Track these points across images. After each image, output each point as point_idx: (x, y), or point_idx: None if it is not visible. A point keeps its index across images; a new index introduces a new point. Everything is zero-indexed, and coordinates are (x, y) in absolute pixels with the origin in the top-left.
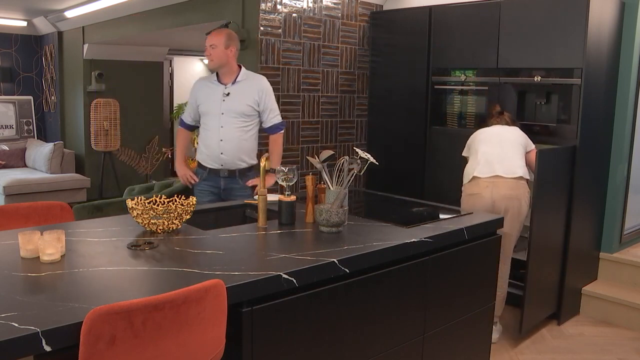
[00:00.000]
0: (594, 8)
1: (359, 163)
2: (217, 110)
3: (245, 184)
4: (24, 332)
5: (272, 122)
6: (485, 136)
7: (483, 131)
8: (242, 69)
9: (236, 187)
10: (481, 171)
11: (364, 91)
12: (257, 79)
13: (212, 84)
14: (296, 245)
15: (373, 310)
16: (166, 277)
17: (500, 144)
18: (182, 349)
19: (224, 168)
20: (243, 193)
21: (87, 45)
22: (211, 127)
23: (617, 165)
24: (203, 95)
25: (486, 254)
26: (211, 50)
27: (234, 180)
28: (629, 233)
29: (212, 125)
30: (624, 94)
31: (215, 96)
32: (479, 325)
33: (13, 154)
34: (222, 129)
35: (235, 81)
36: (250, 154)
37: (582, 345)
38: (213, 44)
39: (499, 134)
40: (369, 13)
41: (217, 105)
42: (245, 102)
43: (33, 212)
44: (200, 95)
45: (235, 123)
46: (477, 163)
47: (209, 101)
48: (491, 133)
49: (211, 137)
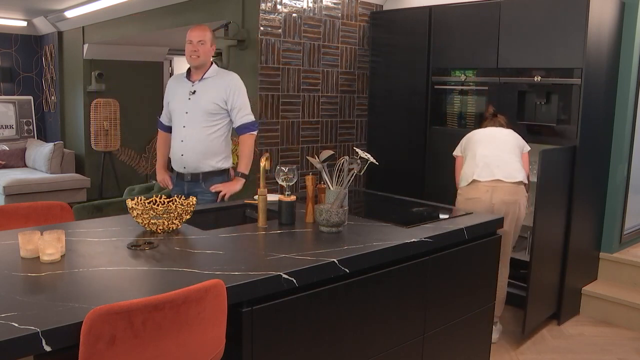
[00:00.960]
0: (594, 8)
1: (359, 163)
2: (182, 109)
3: (209, 188)
4: (24, 332)
5: (241, 121)
6: (481, 137)
7: (478, 132)
8: (213, 66)
9: (198, 192)
10: (481, 175)
11: (364, 91)
12: (227, 76)
13: (182, 81)
14: (296, 245)
15: (373, 310)
16: (166, 277)
17: (499, 146)
18: (182, 349)
19: (187, 172)
20: (204, 197)
21: (87, 45)
22: (176, 127)
23: (617, 165)
24: (172, 93)
25: (486, 254)
26: (200, 47)
27: (197, 184)
28: (629, 233)
29: (176, 124)
30: (624, 94)
31: (182, 94)
32: (479, 325)
33: (13, 154)
34: (184, 128)
35: (203, 78)
36: (218, 157)
37: (582, 345)
38: (202, 40)
39: (495, 136)
40: (369, 13)
41: (182, 104)
42: (211, 100)
43: (33, 212)
44: (169, 93)
45: (200, 122)
46: (476, 166)
47: (175, 99)
48: (487, 134)
49: (175, 138)
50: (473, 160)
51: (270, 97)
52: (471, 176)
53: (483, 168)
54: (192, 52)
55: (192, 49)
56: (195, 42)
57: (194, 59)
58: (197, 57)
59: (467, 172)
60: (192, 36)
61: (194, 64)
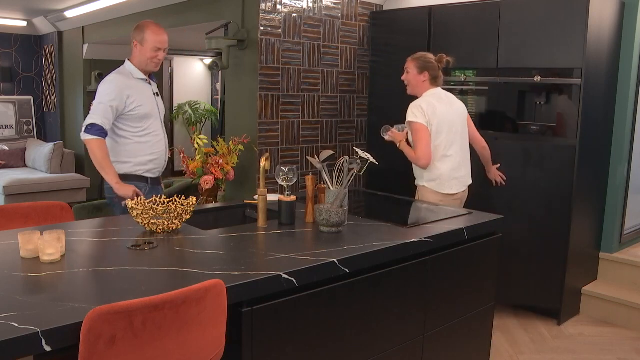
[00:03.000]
0: (594, 8)
1: (359, 163)
2: (156, 111)
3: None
4: (24, 332)
5: None
6: (444, 119)
7: (439, 106)
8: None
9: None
10: (453, 188)
11: (364, 91)
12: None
13: (142, 81)
14: (296, 245)
15: (373, 310)
16: (166, 277)
17: (462, 138)
18: (182, 349)
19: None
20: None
21: (87, 45)
22: (155, 130)
23: (617, 165)
24: (139, 96)
25: (486, 254)
26: (164, 53)
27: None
28: (629, 233)
29: (157, 128)
30: (624, 94)
31: (149, 96)
32: (479, 325)
33: (13, 154)
34: (162, 130)
35: (151, 79)
36: None
37: (582, 345)
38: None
39: (454, 122)
40: (369, 13)
41: (153, 106)
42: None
43: (33, 212)
44: (134, 94)
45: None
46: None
47: (148, 102)
48: (448, 116)
49: (159, 142)
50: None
51: (270, 97)
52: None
53: (456, 180)
54: (158, 60)
55: (160, 56)
56: (163, 49)
57: (157, 64)
58: (159, 62)
59: (442, 173)
60: (163, 42)
61: (155, 70)
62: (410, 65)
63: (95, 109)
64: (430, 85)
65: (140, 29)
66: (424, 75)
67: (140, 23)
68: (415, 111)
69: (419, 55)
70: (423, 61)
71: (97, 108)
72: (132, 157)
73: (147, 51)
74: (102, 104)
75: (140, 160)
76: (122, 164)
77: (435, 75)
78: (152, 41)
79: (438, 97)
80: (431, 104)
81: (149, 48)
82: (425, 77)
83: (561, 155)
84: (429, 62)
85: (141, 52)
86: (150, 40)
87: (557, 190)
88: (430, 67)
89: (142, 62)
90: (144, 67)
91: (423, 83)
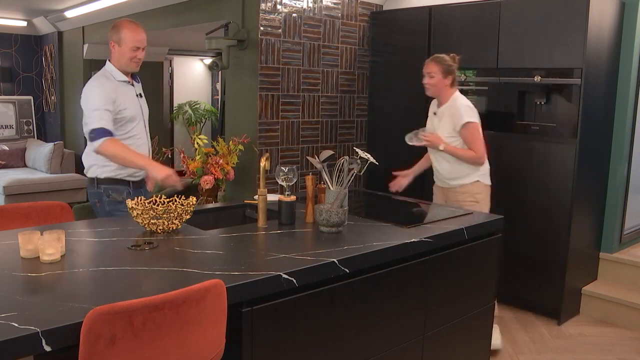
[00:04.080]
0: (594, 8)
1: (359, 163)
2: (140, 114)
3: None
4: (24, 332)
5: None
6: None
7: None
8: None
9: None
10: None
11: (364, 91)
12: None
13: (125, 83)
14: (296, 245)
15: (373, 310)
16: (166, 277)
17: None
18: (182, 349)
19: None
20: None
21: (87, 45)
22: (141, 134)
23: (617, 165)
24: (123, 99)
25: (486, 254)
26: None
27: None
28: (629, 233)
29: (140, 131)
30: (624, 94)
31: (132, 99)
32: (479, 325)
33: (13, 154)
34: (145, 134)
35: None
36: None
37: (582, 345)
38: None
39: None
40: (369, 13)
41: (138, 108)
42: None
43: (33, 212)
44: (119, 97)
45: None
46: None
47: (132, 105)
48: None
49: (143, 146)
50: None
51: (270, 97)
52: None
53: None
54: (138, 60)
55: (140, 56)
56: (142, 47)
57: (137, 64)
58: (139, 61)
59: (487, 166)
60: (141, 41)
61: (136, 70)
62: (435, 70)
63: (92, 117)
64: (452, 87)
65: (116, 29)
66: (449, 79)
67: (116, 22)
68: (469, 111)
69: (441, 58)
70: (447, 65)
71: (93, 115)
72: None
73: (126, 51)
74: (97, 110)
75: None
76: (103, 167)
77: (455, 77)
78: (129, 40)
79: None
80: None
81: (127, 48)
82: (449, 81)
83: (561, 155)
84: (451, 65)
85: (120, 52)
86: (128, 40)
87: (557, 190)
88: (453, 71)
89: (122, 63)
90: (124, 68)
91: (447, 86)
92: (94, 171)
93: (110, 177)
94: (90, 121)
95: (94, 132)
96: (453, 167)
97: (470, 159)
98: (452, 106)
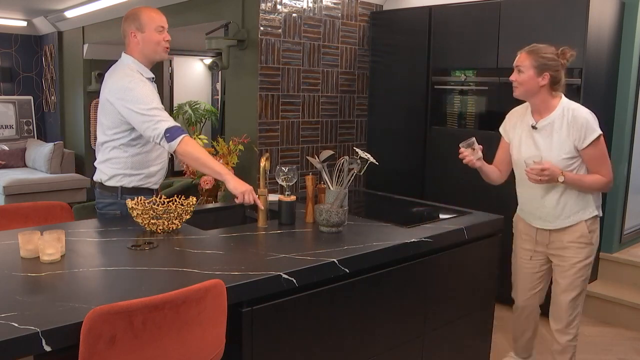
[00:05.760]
0: (594, 8)
1: (359, 163)
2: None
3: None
4: (24, 332)
5: None
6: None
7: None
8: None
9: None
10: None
11: (364, 91)
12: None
13: (151, 81)
14: (296, 245)
15: (373, 310)
16: (166, 277)
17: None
18: (182, 349)
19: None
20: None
21: (87, 45)
22: None
23: (617, 165)
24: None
25: (486, 254)
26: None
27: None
28: (629, 233)
29: None
30: (624, 94)
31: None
32: (479, 325)
33: (13, 154)
34: None
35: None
36: None
37: (582, 345)
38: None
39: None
40: (369, 13)
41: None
42: None
43: (33, 212)
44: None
45: None
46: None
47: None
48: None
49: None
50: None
51: (270, 97)
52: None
53: None
54: (166, 42)
55: (167, 37)
56: (166, 28)
57: (166, 49)
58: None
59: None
60: (164, 21)
61: (165, 57)
62: (525, 63)
63: (155, 115)
64: (549, 89)
65: (134, 16)
66: (544, 78)
67: (129, 12)
68: (595, 125)
69: (537, 48)
70: (544, 58)
71: (155, 113)
72: (142, 167)
73: (152, 35)
74: (156, 108)
75: (151, 170)
76: (130, 176)
77: (558, 78)
78: (153, 22)
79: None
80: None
81: (152, 31)
82: (545, 80)
83: None
84: (551, 60)
85: (145, 40)
86: (152, 22)
87: None
88: (552, 67)
89: (148, 52)
90: (152, 57)
91: (544, 88)
92: (119, 180)
93: (137, 186)
94: (156, 119)
95: (168, 131)
96: (568, 198)
97: (600, 187)
98: (570, 116)
